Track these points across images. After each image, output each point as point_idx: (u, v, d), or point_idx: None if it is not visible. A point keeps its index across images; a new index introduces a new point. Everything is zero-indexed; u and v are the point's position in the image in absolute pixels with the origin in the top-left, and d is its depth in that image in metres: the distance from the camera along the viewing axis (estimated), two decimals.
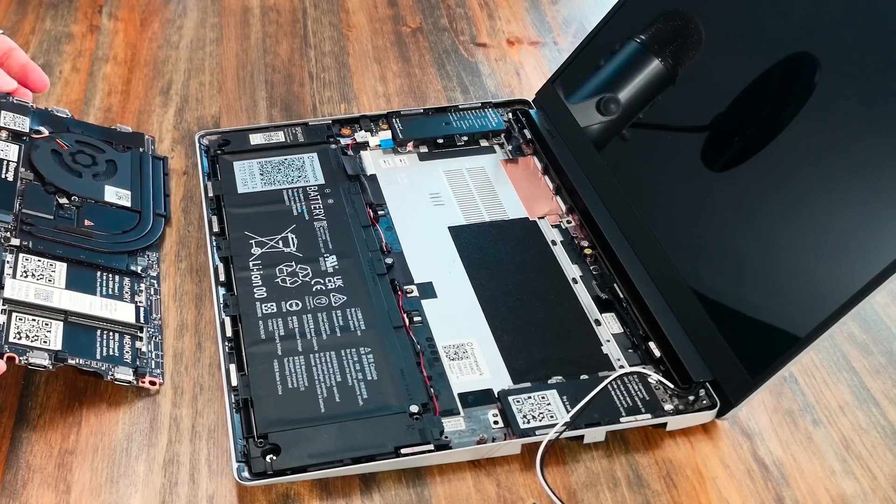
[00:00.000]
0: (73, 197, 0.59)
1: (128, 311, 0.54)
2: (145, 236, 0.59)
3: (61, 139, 0.61)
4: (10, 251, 0.53)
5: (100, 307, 0.53)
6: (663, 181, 0.60)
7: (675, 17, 0.63)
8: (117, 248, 0.57)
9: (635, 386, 0.52)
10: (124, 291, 0.55)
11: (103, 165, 0.62)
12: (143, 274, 0.57)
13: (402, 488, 0.49)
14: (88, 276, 0.55)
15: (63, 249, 0.55)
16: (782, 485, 0.50)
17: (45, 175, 0.59)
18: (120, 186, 0.61)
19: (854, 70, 0.52)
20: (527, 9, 0.88)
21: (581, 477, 0.50)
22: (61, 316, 0.52)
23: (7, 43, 0.65)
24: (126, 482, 0.49)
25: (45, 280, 0.53)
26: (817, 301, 0.49)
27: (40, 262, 0.53)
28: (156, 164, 0.65)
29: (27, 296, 0.51)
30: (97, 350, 0.52)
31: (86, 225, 0.57)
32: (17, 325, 0.50)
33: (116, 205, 0.60)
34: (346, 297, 0.57)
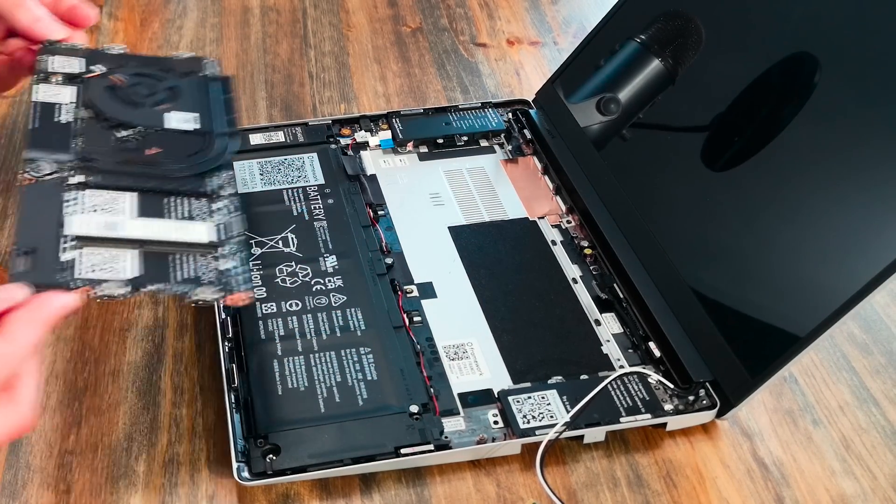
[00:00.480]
0: (135, 128, 0.56)
1: (203, 230, 0.51)
2: (214, 157, 0.56)
3: (116, 74, 0.59)
4: (74, 189, 0.51)
5: (173, 231, 0.51)
6: (663, 181, 0.60)
7: (675, 17, 0.63)
8: (186, 171, 0.55)
9: (635, 386, 0.52)
10: (197, 213, 0.53)
11: (163, 94, 0.60)
12: (216, 194, 0.54)
13: (402, 488, 0.49)
14: (158, 203, 0.52)
15: (129, 180, 0.53)
16: (782, 485, 0.50)
17: (103, 111, 0.57)
18: (183, 111, 0.59)
19: (854, 70, 0.52)
20: (527, 9, 0.88)
21: (581, 477, 0.50)
22: (133, 245, 0.49)
23: None
24: (126, 482, 0.49)
25: (113, 212, 0.51)
26: (817, 301, 0.49)
27: (107, 195, 0.51)
28: (218, 86, 0.62)
29: (95, 229, 0.49)
30: (174, 274, 0.49)
31: (151, 153, 0.55)
32: (89, 259, 0.47)
33: (180, 130, 0.57)
34: (346, 297, 0.57)
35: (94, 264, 0.47)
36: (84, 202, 0.50)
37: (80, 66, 0.58)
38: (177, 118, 0.57)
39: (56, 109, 0.55)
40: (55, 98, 0.56)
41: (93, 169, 0.52)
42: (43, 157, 0.51)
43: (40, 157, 0.51)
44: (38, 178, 0.50)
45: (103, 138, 0.54)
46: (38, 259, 0.46)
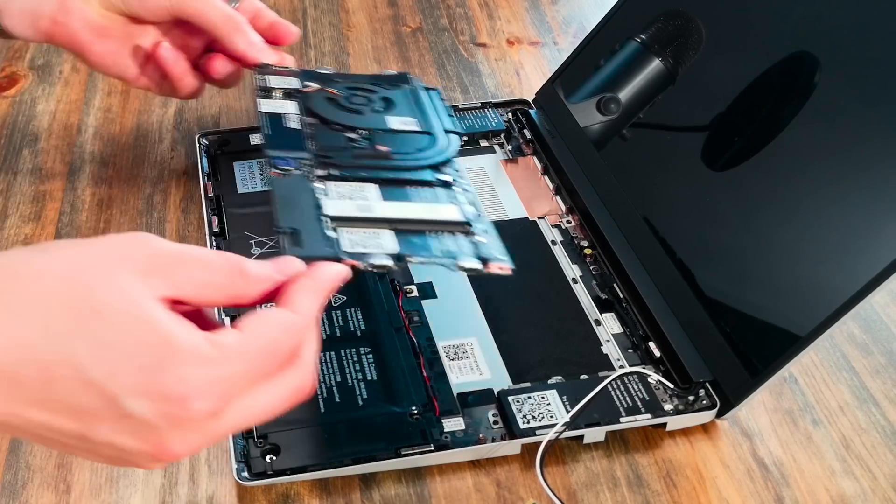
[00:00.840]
0: (361, 130, 0.59)
1: (451, 211, 0.53)
2: (443, 152, 0.58)
3: (332, 88, 0.62)
4: (319, 180, 0.53)
5: (424, 211, 0.52)
6: (663, 181, 0.60)
7: (676, 17, 0.63)
8: (420, 163, 0.56)
9: (635, 386, 0.52)
10: (440, 198, 0.54)
11: (379, 103, 0.62)
12: (454, 182, 0.55)
13: (402, 488, 0.49)
14: (400, 191, 0.54)
15: (367, 172, 0.55)
16: (782, 485, 0.50)
17: (328, 117, 0.59)
18: (402, 115, 0.61)
19: (855, 70, 0.52)
20: (527, 9, 0.88)
21: (581, 477, 0.50)
22: (387, 224, 0.50)
23: (253, 4, 0.64)
24: (126, 482, 0.49)
25: (360, 199, 0.52)
26: (817, 301, 0.49)
27: (350, 185, 0.53)
28: (430, 94, 0.65)
29: (350, 211, 0.51)
30: (433, 247, 0.49)
31: (383, 149, 0.57)
32: (348, 236, 0.49)
33: (404, 129, 0.60)
34: (345, 297, 0.57)
35: (354, 241, 0.48)
36: (331, 191, 0.52)
37: (296, 84, 0.62)
38: (397, 121, 0.60)
39: (283, 118, 0.58)
40: (279, 109, 0.59)
41: (331, 164, 0.54)
42: (285, 155, 0.54)
43: (283, 156, 0.54)
44: (286, 172, 0.52)
45: (334, 139, 0.57)
46: (303, 237, 0.47)
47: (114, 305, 0.36)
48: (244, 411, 0.38)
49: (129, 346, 0.36)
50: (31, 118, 0.73)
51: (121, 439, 0.37)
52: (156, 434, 0.37)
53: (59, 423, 0.36)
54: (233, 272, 0.40)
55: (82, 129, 0.73)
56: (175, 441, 0.37)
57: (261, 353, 0.38)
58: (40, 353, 0.36)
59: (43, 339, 0.36)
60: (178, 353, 0.36)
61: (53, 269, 0.37)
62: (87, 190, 0.67)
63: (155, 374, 0.36)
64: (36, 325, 0.36)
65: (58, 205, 0.66)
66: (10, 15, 0.59)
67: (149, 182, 0.68)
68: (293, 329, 0.40)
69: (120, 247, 0.38)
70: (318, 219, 0.49)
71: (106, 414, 0.36)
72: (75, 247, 0.38)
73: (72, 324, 0.36)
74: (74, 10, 0.59)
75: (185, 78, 0.62)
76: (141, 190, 0.67)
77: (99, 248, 0.38)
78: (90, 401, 0.36)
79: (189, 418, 0.37)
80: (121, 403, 0.36)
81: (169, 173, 0.69)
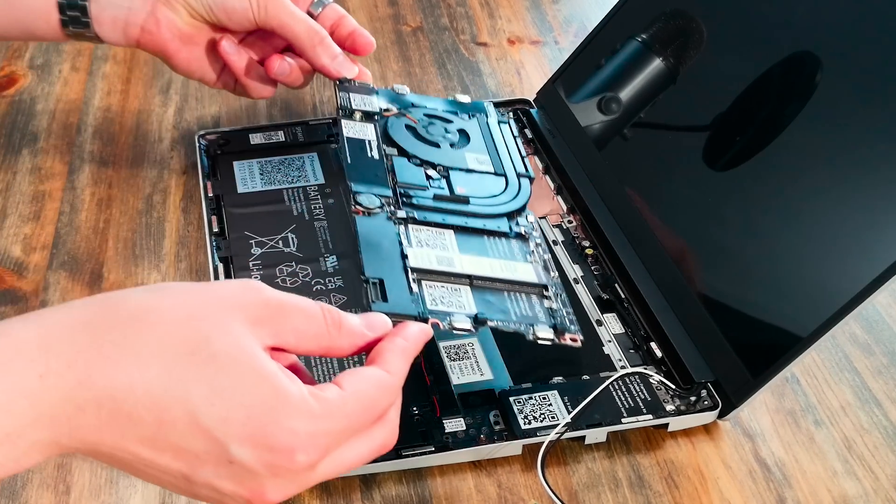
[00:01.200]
0: (438, 166, 0.60)
1: (527, 270, 0.54)
2: (517, 198, 0.59)
3: (410, 114, 0.63)
4: (399, 223, 0.54)
5: (500, 269, 0.53)
6: (665, 181, 0.60)
7: (677, 16, 0.63)
8: (495, 211, 0.58)
9: (637, 386, 0.52)
10: (516, 253, 0.55)
11: (456, 135, 0.64)
12: (528, 235, 0.57)
13: (402, 489, 0.49)
14: (477, 242, 0.55)
15: (444, 217, 0.56)
16: (784, 485, 0.50)
17: (408, 149, 0.60)
18: (477, 152, 0.62)
19: (857, 70, 0.52)
20: (527, 8, 0.88)
21: (582, 478, 0.50)
22: (466, 280, 0.52)
23: (336, 11, 0.67)
24: (126, 483, 0.49)
25: (440, 248, 0.53)
26: (819, 301, 0.49)
27: (428, 230, 0.54)
28: (502, 128, 0.66)
29: (430, 263, 0.52)
30: (511, 311, 0.51)
31: (459, 192, 0.58)
32: (430, 291, 0.50)
33: (480, 170, 0.61)
34: (346, 298, 0.57)
35: (436, 297, 0.50)
36: (412, 236, 0.54)
37: (376, 105, 0.63)
38: (473, 158, 0.62)
39: (365, 145, 0.59)
40: (361, 134, 0.60)
41: (412, 205, 0.56)
42: (367, 191, 0.55)
43: (364, 191, 0.55)
44: (369, 211, 0.54)
45: (414, 175, 0.59)
46: (389, 290, 0.49)
47: (229, 355, 0.38)
48: (334, 464, 0.41)
49: (242, 395, 0.38)
50: (30, 118, 0.73)
51: (221, 483, 0.39)
52: (256, 482, 0.39)
53: (164, 462, 0.38)
54: (330, 324, 0.42)
55: (82, 129, 0.72)
56: (272, 489, 0.39)
57: (359, 410, 0.40)
58: (158, 395, 0.37)
59: (162, 382, 0.37)
60: (286, 406, 0.38)
61: (172, 314, 0.39)
62: (86, 190, 0.67)
63: (265, 425, 0.38)
64: (156, 368, 0.37)
65: (57, 205, 0.66)
66: (101, 23, 0.62)
67: (148, 182, 0.68)
68: (388, 389, 0.42)
69: (233, 295, 0.40)
70: (404, 270, 0.51)
71: (211, 458, 0.38)
72: (190, 291, 0.40)
73: (190, 370, 0.38)
74: (164, 20, 0.61)
75: (250, 73, 0.64)
76: (141, 190, 0.67)
77: (213, 295, 0.40)
78: (198, 444, 0.38)
79: (290, 469, 0.39)
80: (228, 450, 0.38)
81: (169, 173, 0.69)
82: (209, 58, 0.65)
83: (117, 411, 0.37)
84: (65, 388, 0.37)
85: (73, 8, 0.61)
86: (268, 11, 0.62)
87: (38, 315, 0.39)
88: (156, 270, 0.61)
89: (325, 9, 0.66)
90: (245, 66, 0.64)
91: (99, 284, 0.60)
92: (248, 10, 0.62)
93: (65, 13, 0.61)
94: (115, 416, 0.37)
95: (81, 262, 0.62)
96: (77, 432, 0.37)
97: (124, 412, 0.37)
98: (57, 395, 0.37)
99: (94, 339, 0.38)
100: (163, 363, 0.38)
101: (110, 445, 0.38)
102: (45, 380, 0.37)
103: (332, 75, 0.64)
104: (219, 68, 0.65)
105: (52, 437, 0.37)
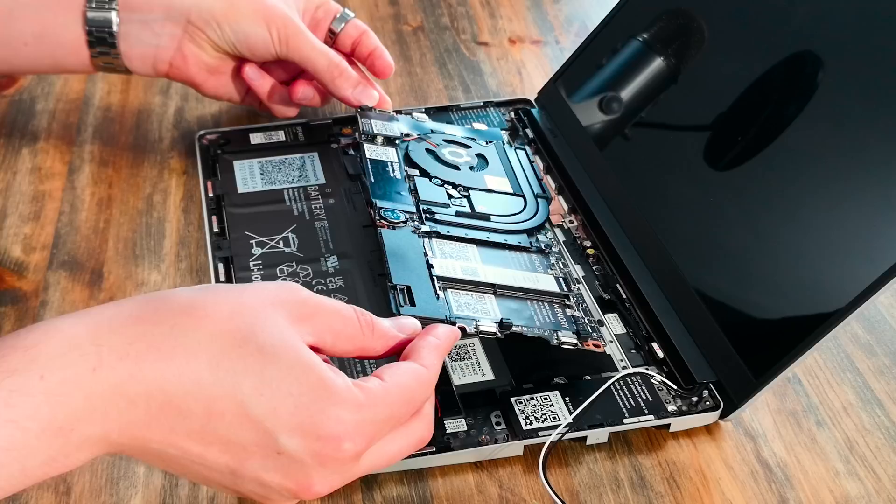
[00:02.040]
0: (459, 186, 0.62)
1: (549, 281, 0.56)
2: (536, 217, 0.62)
3: (430, 138, 0.66)
4: (424, 237, 0.56)
5: (523, 279, 0.55)
6: (666, 181, 0.60)
7: (678, 16, 0.63)
8: (515, 227, 0.60)
9: (638, 387, 0.52)
10: (537, 266, 0.57)
11: (474, 159, 0.66)
12: (548, 250, 0.59)
13: (403, 489, 0.49)
14: (500, 255, 0.57)
15: (467, 231, 0.58)
16: (786, 486, 0.50)
17: (429, 170, 0.63)
18: (495, 175, 0.65)
19: (859, 69, 0.52)
20: (528, 7, 0.88)
21: (584, 478, 0.50)
22: (490, 289, 0.54)
23: (358, 28, 0.69)
24: (126, 483, 0.49)
25: (464, 259, 0.55)
26: (821, 301, 0.49)
27: (452, 244, 0.56)
28: (518, 153, 0.68)
29: (455, 272, 0.54)
30: (535, 318, 0.53)
31: (480, 210, 0.60)
32: (456, 298, 0.52)
33: (499, 191, 0.63)
34: (347, 298, 0.57)
35: (461, 303, 0.52)
36: (436, 249, 0.55)
37: (396, 130, 0.65)
38: (492, 180, 0.64)
39: (388, 166, 0.61)
40: (383, 157, 0.62)
41: (435, 220, 0.58)
42: (391, 206, 0.58)
43: (389, 207, 0.57)
44: (394, 225, 0.56)
45: (437, 193, 0.61)
46: (416, 296, 0.51)
47: (275, 347, 0.40)
48: (377, 456, 0.42)
49: (290, 385, 0.39)
50: (30, 118, 0.73)
51: (268, 476, 0.40)
52: (303, 472, 0.40)
53: (213, 457, 0.39)
54: (364, 326, 0.44)
55: (82, 129, 0.72)
56: (318, 479, 0.40)
57: (400, 402, 0.42)
58: (207, 387, 0.38)
59: (211, 374, 0.39)
60: (333, 396, 0.40)
61: (218, 308, 0.40)
62: (86, 189, 0.67)
63: (312, 415, 0.39)
64: (205, 360, 0.39)
65: (57, 205, 0.66)
66: (130, 58, 0.65)
67: (149, 182, 0.68)
68: (425, 381, 0.43)
69: (274, 292, 0.42)
70: (430, 278, 0.53)
71: (259, 450, 0.39)
72: (233, 290, 0.42)
73: (238, 362, 0.39)
74: (190, 56, 0.65)
75: (273, 96, 0.68)
76: (141, 189, 0.67)
77: (255, 293, 0.41)
78: (247, 435, 0.39)
79: (336, 458, 0.40)
80: (276, 440, 0.39)
81: (169, 173, 0.68)
82: (234, 82, 0.68)
83: (167, 404, 0.38)
84: (117, 382, 0.38)
85: (102, 44, 0.64)
86: (289, 46, 0.65)
87: (87, 312, 0.40)
88: (156, 270, 0.61)
89: (348, 25, 0.69)
90: (269, 89, 0.68)
91: (99, 284, 0.60)
92: (269, 45, 0.65)
93: (94, 49, 0.64)
94: (165, 409, 0.38)
95: (82, 262, 0.62)
96: (128, 428, 0.38)
97: (174, 405, 0.38)
98: (109, 389, 0.38)
99: (143, 332, 0.39)
100: (211, 355, 0.39)
101: (159, 441, 0.39)
102: (97, 373, 0.37)
103: (353, 104, 0.67)
104: (244, 90, 0.69)
105: (103, 433, 0.38)
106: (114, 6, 0.63)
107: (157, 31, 0.64)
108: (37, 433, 0.37)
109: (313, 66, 0.65)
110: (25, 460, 0.37)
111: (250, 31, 0.64)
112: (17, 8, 0.63)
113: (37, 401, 0.37)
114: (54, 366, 0.37)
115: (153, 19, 0.64)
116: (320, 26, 0.69)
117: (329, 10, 0.69)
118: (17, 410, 0.36)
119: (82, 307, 0.58)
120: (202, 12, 0.64)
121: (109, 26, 0.63)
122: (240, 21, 0.64)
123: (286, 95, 0.68)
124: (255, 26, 0.64)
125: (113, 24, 0.63)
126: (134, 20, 0.64)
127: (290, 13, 0.65)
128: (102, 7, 0.63)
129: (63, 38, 0.64)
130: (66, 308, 0.58)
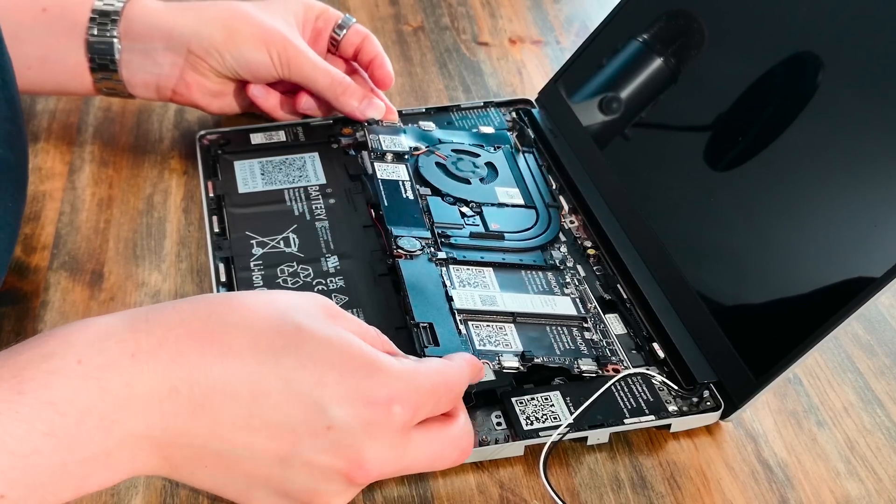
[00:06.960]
0: (471, 203, 0.62)
1: (565, 303, 0.56)
2: (548, 230, 0.61)
3: (439, 150, 0.66)
4: (440, 264, 0.56)
5: (540, 304, 0.55)
6: (666, 181, 0.60)
7: (678, 16, 0.63)
8: (529, 245, 0.60)
9: (639, 387, 0.52)
10: (553, 286, 0.57)
11: (484, 169, 0.66)
12: (563, 266, 0.59)
13: (404, 490, 0.49)
14: (515, 277, 0.57)
15: (482, 255, 0.58)
16: (787, 486, 0.50)
17: (440, 188, 0.63)
18: (506, 186, 0.64)
19: (859, 69, 0.52)
20: (529, 7, 0.88)
21: (584, 479, 0.50)
22: (510, 318, 0.54)
23: (359, 33, 0.69)
24: (127, 483, 0.49)
25: (481, 286, 0.55)
26: (822, 302, 0.49)
27: (468, 270, 0.57)
28: (527, 158, 0.67)
29: (475, 303, 0.54)
30: (555, 346, 0.53)
31: (494, 228, 0.60)
32: (477, 331, 0.52)
33: (511, 204, 0.63)
34: (347, 298, 0.57)
35: (483, 337, 0.52)
36: (454, 276, 0.55)
37: (405, 144, 0.66)
38: (503, 192, 0.63)
39: (400, 186, 0.61)
40: (394, 175, 0.63)
41: (450, 245, 0.58)
42: (407, 234, 0.57)
43: (405, 235, 0.57)
44: (411, 255, 0.56)
45: (449, 214, 0.61)
46: (439, 334, 0.51)
47: (313, 326, 0.41)
48: (421, 445, 0.42)
49: (333, 357, 0.40)
50: (30, 118, 0.73)
51: (319, 457, 0.40)
52: (353, 448, 0.40)
53: (261, 444, 0.39)
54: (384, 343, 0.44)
55: (82, 129, 0.72)
56: (370, 455, 0.40)
57: (439, 379, 0.43)
58: (251, 366, 0.39)
59: (253, 354, 0.39)
60: (376, 362, 0.41)
61: (255, 299, 0.41)
62: (87, 190, 0.67)
63: (360, 381, 0.40)
64: (245, 342, 0.39)
65: (58, 205, 0.66)
66: (133, 85, 0.66)
67: (149, 182, 0.68)
68: (455, 370, 0.45)
69: (302, 296, 0.43)
70: (450, 312, 0.53)
71: (308, 430, 0.39)
72: (266, 291, 0.43)
73: (278, 339, 0.39)
74: (193, 83, 0.66)
75: (277, 110, 0.69)
76: (141, 190, 0.67)
77: (284, 294, 0.42)
78: (294, 414, 0.39)
79: (388, 425, 0.40)
80: (325, 412, 0.39)
81: (169, 173, 0.68)
82: (238, 99, 0.69)
83: (211, 388, 0.38)
84: (157, 367, 0.38)
85: (104, 70, 0.65)
86: (290, 68, 0.65)
87: (122, 312, 0.40)
88: (157, 271, 0.61)
89: (349, 31, 0.69)
90: (274, 105, 0.69)
91: (100, 285, 0.60)
92: (271, 69, 0.65)
93: (97, 74, 0.65)
94: (209, 395, 0.38)
95: (82, 262, 0.62)
96: (171, 420, 0.38)
97: (218, 388, 0.38)
98: (149, 375, 0.37)
99: (181, 321, 0.39)
100: (251, 337, 0.39)
101: (204, 434, 0.38)
102: (136, 358, 0.37)
103: (359, 119, 0.67)
104: (247, 103, 0.69)
105: (146, 428, 0.38)
106: (115, 34, 0.64)
107: (158, 61, 0.65)
108: (76, 419, 0.36)
109: (315, 85, 0.66)
110: (66, 453, 0.36)
111: (251, 56, 0.64)
112: (22, 32, 0.63)
113: (75, 384, 0.36)
114: (92, 351, 0.37)
115: (154, 49, 0.65)
116: (322, 36, 0.69)
117: (329, 18, 0.69)
118: (55, 392, 0.36)
119: (83, 307, 0.58)
120: (202, 41, 0.64)
121: (111, 54, 0.64)
122: (240, 47, 0.64)
123: (291, 106, 0.69)
124: (256, 52, 0.64)
125: (115, 51, 0.64)
126: (135, 49, 0.64)
127: (290, 33, 0.65)
128: (104, 34, 0.64)
129: (66, 64, 0.64)
130: (66, 308, 0.58)
